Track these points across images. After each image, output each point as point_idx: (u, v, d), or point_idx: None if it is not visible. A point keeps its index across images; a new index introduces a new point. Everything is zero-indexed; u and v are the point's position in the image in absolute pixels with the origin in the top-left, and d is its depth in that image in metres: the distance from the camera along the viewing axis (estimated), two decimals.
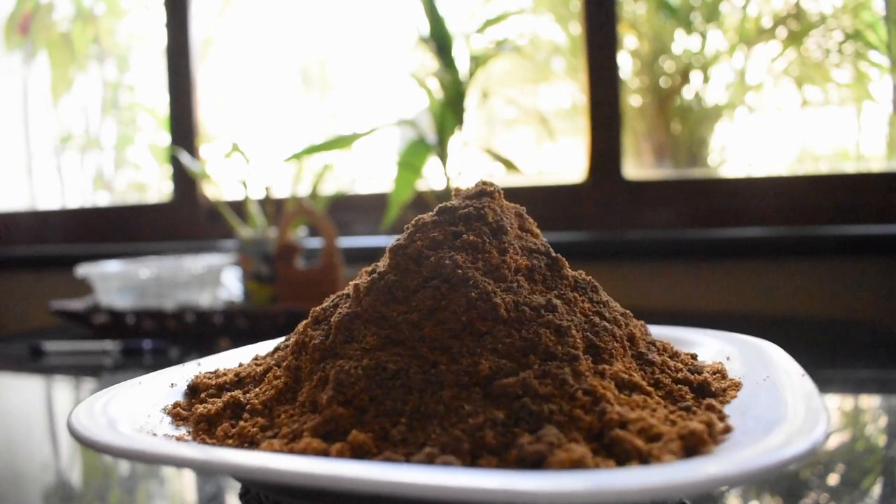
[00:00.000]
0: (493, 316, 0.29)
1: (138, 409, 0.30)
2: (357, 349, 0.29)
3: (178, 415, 0.31)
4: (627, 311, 0.34)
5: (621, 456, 0.23)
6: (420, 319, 0.29)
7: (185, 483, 0.40)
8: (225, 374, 0.35)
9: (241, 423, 0.29)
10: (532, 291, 0.31)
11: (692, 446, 0.24)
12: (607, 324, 0.31)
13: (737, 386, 0.31)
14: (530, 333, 0.28)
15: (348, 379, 0.28)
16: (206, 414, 0.31)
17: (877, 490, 0.35)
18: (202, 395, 0.33)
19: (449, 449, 0.24)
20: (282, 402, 0.30)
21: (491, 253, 0.31)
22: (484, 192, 0.34)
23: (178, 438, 0.29)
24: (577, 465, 0.22)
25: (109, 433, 0.26)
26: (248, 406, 0.30)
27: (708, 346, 0.39)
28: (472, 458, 0.24)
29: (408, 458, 0.24)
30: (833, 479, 0.36)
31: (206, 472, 0.23)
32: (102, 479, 0.42)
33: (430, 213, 0.34)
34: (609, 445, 0.24)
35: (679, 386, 0.30)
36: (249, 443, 0.28)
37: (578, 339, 0.29)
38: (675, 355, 0.34)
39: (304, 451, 0.25)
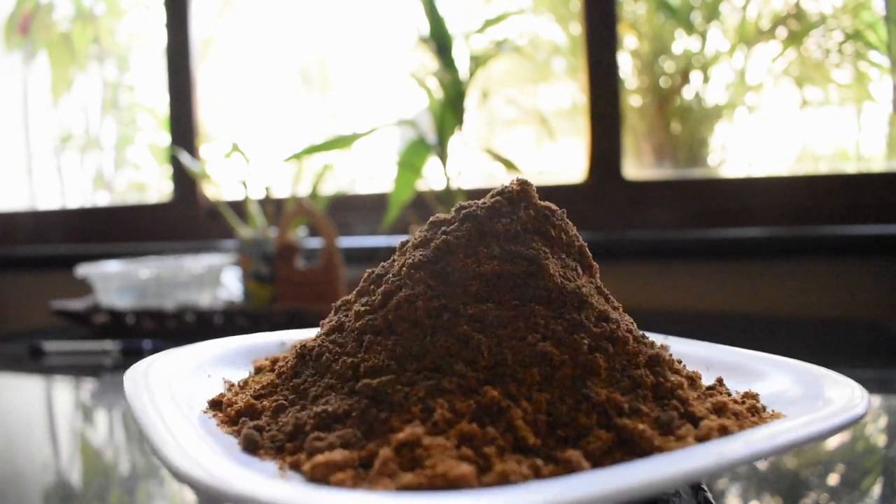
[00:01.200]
0: (412, 318, 0.29)
1: (230, 355, 0.39)
2: (320, 331, 0.33)
3: (259, 366, 0.38)
4: (625, 337, 0.29)
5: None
6: (362, 313, 0.31)
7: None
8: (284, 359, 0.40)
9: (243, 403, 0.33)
10: (480, 299, 0.29)
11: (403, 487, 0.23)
12: (552, 347, 0.28)
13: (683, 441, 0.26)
14: (431, 342, 0.28)
15: (290, 353, 0.32)
16: (258, 366, 0.37)
17: (877, 490, 0.35)
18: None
19: (282, 428, 0.27)
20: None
21: (457, 255, 0.31)
22: (503, 191, 0.33)
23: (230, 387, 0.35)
24: (317, 471, 0.24)
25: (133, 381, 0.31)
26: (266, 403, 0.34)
27: (773, 380, 0.33)
28: (286, 439, 0.27)
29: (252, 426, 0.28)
30: (833, 479, 0.36)
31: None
32: (102, 479, 0.42)
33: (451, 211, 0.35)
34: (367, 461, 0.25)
35: (600, 431, 0.26)
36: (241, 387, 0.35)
37: (484, 356, 0.27)
38: (677, 391, 0.28)
39: (229, 400, 0.32)
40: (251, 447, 0.27)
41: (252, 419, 0.29)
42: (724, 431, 0.26)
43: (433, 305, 0.29)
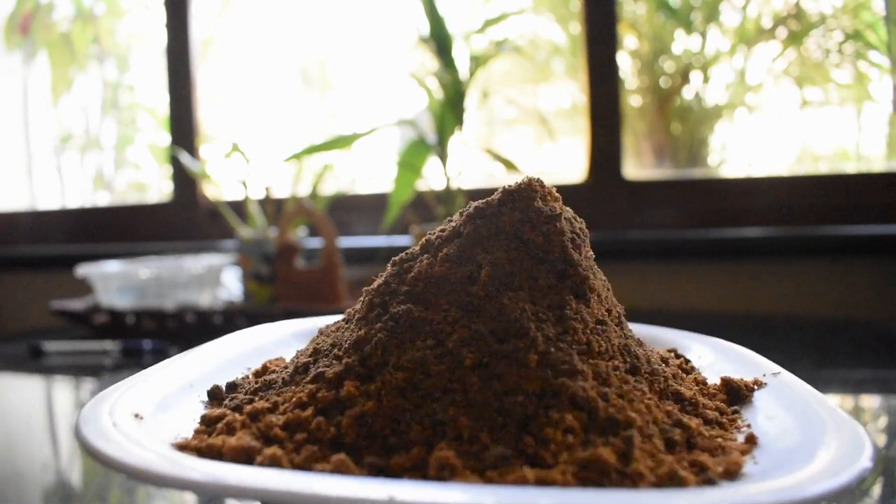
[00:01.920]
0: (361, 312, 0.32)
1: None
2: None
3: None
4: (529, 359, 0.27)
5: None
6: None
7: None
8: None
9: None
10: (415, 300, 0.30)
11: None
12: (433, 357, 0.27)
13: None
14: (352, 335, 0.30)
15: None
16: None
17: (877, 490, 0.35)
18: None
19: (245, 387, 0.32)
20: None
21: (427, 255, 0.32)
22: (501, 190, 0.32)
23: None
24: (200, 420, 0.28)
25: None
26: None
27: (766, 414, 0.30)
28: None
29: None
30: None
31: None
32: (102, 479, 0.42)
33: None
34: None
35: (418, 448, 0.25)
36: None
37: (378, 354, 0.28)
38: (545, 429, 0.25)
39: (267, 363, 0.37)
40: (210, 398, 0.32)
41: (257, 378, 0.34)
42: (538, 482, 0.23)
43: (376, 301, 0.31)
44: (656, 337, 0.42)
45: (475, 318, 0.28)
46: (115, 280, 0.90)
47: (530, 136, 1.30)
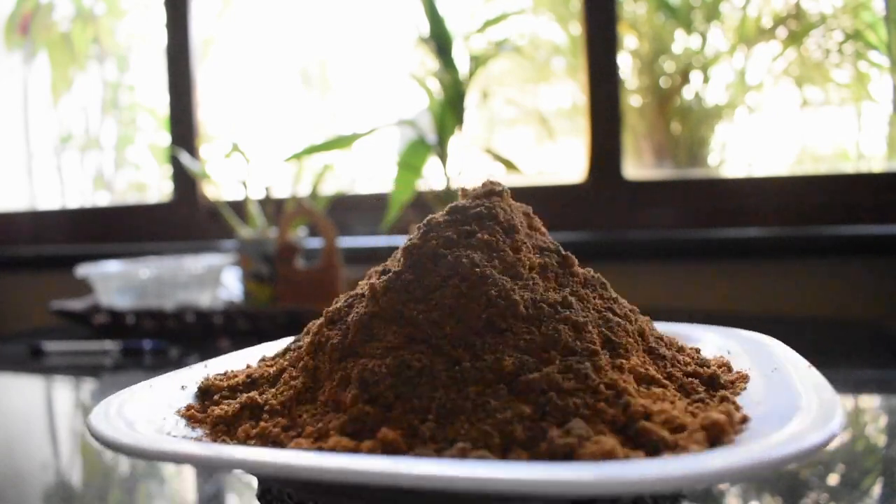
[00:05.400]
0: (513, 313, 0.29)
1: (153, 411, 0.30)
2: (379, 348, 0.29)
3: (192, 417, 0.31)
4: (634, 307, 0.34)
5: (649, 447, 0.24)
6: (441, 317, 0.29)
7: (186, 483, 0.40)
8: (236, 376, 0.35)
9: (262, 423, 0.29)
10: (546, 289, 0.31)
11: (715, 436, 0.24)
12: (619, 319, 0.31)
13: (744, 378, 0.31)
14: (550, 330, 0.28)
15: (373, 377, 0.28)
16: (223, 416, 0.30)
17: (877, 490, 0.35)
18: (215, 397, 0.33)
19: (480, 443, 0.24)
20: (302, 402, 0.30)
21: (505, 251, 0.31)
22: (493, 191, 0.35)
23: (197, 440, 0.29)
24: (607, 456, 0.22)
25: (135, 436, 0.26)
26: (267, 407, 0.30)
27: (708, 342, 0.39)
28: (502, 452, 0.24)
29: (439, 454, 0.24)
30: (833, 479, 0.36)
31: (244, 470, 0.24)
32: (102, 479, 0.42)
33: (442, 213, 0.33)
34: (635, 437, 0.24)
35: (690, 379, 0.30)
36: (273, 443, 0.28)
37: (595, 335, 0.29)
38: (681, 350, 0.34)
39: (333, 449, 0.25)
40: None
41: (412, 448, 0.33)
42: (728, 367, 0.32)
43: (526, 298, 0.31)
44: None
45: (599, 291, 0.33)
46: (115, 280, 0.90)
47: (530, 136, 1.30)
